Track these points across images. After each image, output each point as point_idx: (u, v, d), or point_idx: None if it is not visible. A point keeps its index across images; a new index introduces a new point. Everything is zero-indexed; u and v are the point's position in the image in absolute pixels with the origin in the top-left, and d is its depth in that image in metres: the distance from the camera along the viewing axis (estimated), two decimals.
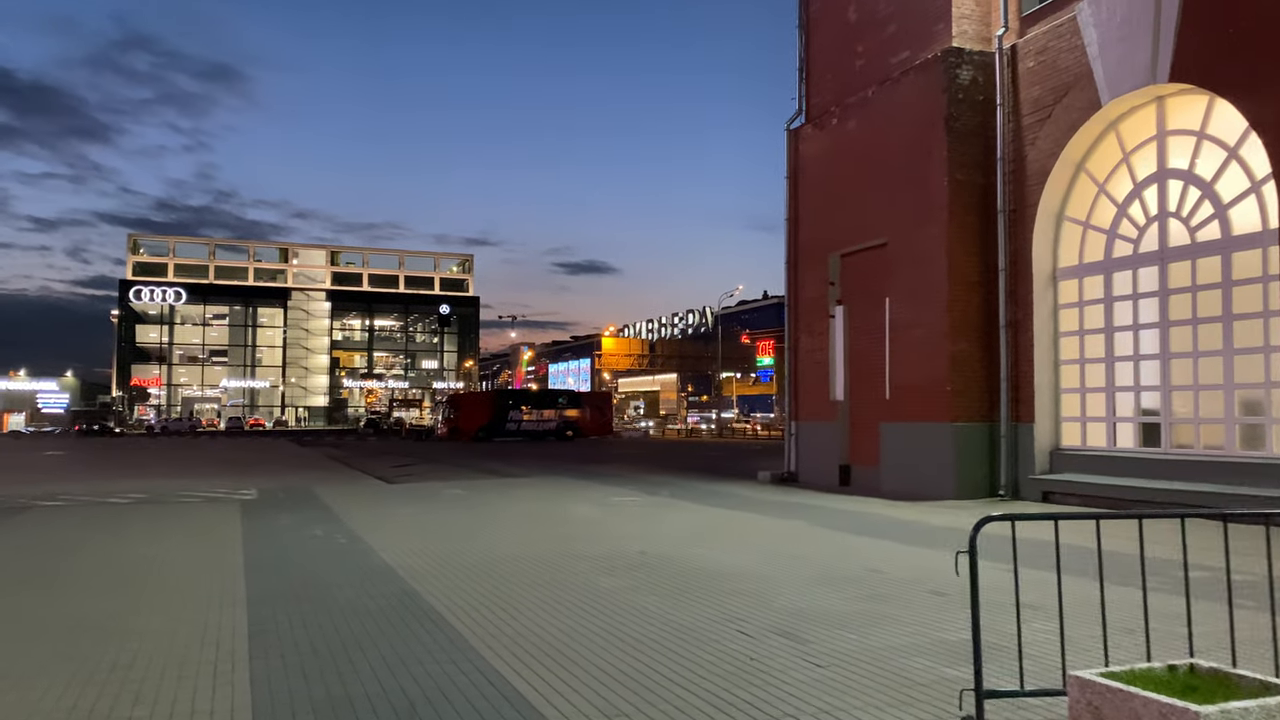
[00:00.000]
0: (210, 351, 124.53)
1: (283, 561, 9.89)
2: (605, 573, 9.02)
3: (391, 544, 11.10)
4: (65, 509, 15.33)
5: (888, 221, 17.50)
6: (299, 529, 12.59)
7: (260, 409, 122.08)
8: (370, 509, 15.33)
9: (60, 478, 23.57)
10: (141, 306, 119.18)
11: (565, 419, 62.39)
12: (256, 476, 23.42)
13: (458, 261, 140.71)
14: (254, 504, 16.10)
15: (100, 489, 19.16)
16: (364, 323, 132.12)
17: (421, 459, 32.96)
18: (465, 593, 8.10)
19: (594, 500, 16.64)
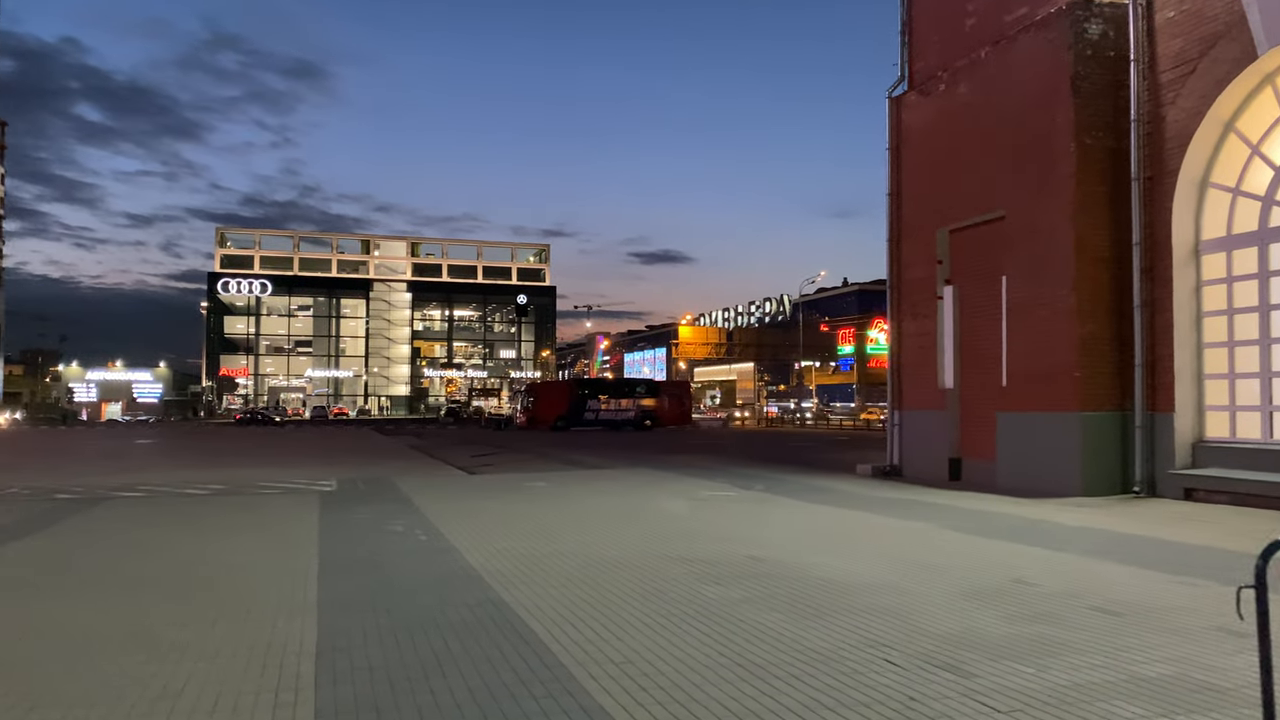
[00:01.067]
0: (295, 342, 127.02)
1: (359, 561, 9.11)
2: (712, 581, 8.01)
3: (474, 542, 10.27)
4: (143, 500, 14.93)
5: (1005, 193, 16.07)
6: (377, 524, 11.86)
7: (344, 398, 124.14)
8: (451, 502, 14.59)
9: (146, 467, 23.49)
10: (229, 298, 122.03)
11: (643, 408, 61.54)
12: (337, 466, 23.01)
13: (534, 252, 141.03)
14: (333, 496, 15.50)
15: (181, 479, 18.86)
16: (444, 313, 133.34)
17: (501, 449, 32.39)
18: (558, 603, 7.17)
19: (684, 494, 15.64)
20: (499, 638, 6.10)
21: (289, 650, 5.80)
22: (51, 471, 21.81)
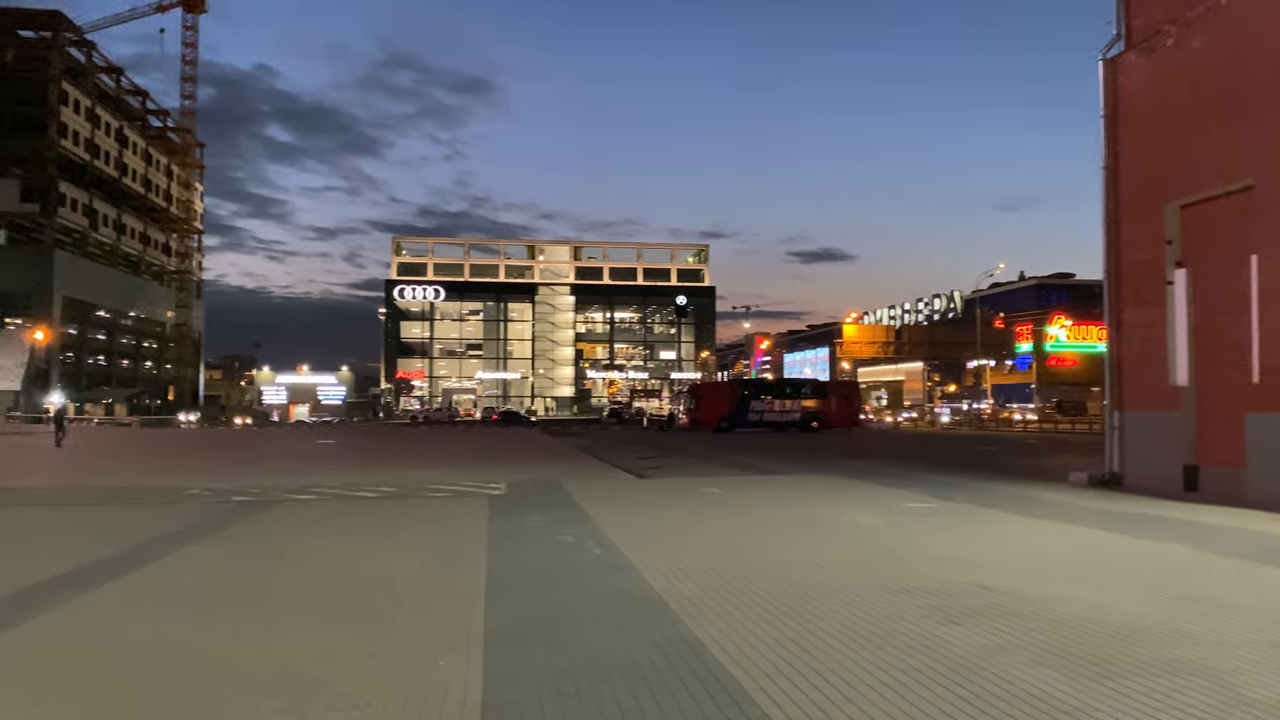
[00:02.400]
0: (466, 345, 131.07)
1: (530, 580, 8.19)
2: (945, 620, 6.62)
3: (653, 558, 9.20)
4: (314, 504, 14.67)
5: (1253, 158, 13.79)
6: (548, 533, 11.00)
7: (512, 399, 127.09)
8: (623, 509, 13.63)
9: (323, 468, 23.78)
10: (405, 304, 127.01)
11: (809, 409, 59.49)
12: (506, 468, 22.60)
13: (693, 252, 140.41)
14: (502, 501, 14.85)
15: (354, 481, 18.74)
16: (605, 315, 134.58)
17: (667, 450, 31.48)
18: (762, 645, 5.98)
19: (876, 505, 14.14)
20: (699, 693, 4.96)
21: (450, 699, 4.85)
22: (237, 472, 22.30)
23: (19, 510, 13.83)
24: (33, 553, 9.71)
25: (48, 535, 11.31)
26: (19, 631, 6.14)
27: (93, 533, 11.33)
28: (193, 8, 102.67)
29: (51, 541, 10.72)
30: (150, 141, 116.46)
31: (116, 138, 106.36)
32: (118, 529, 11.55)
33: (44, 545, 10.38)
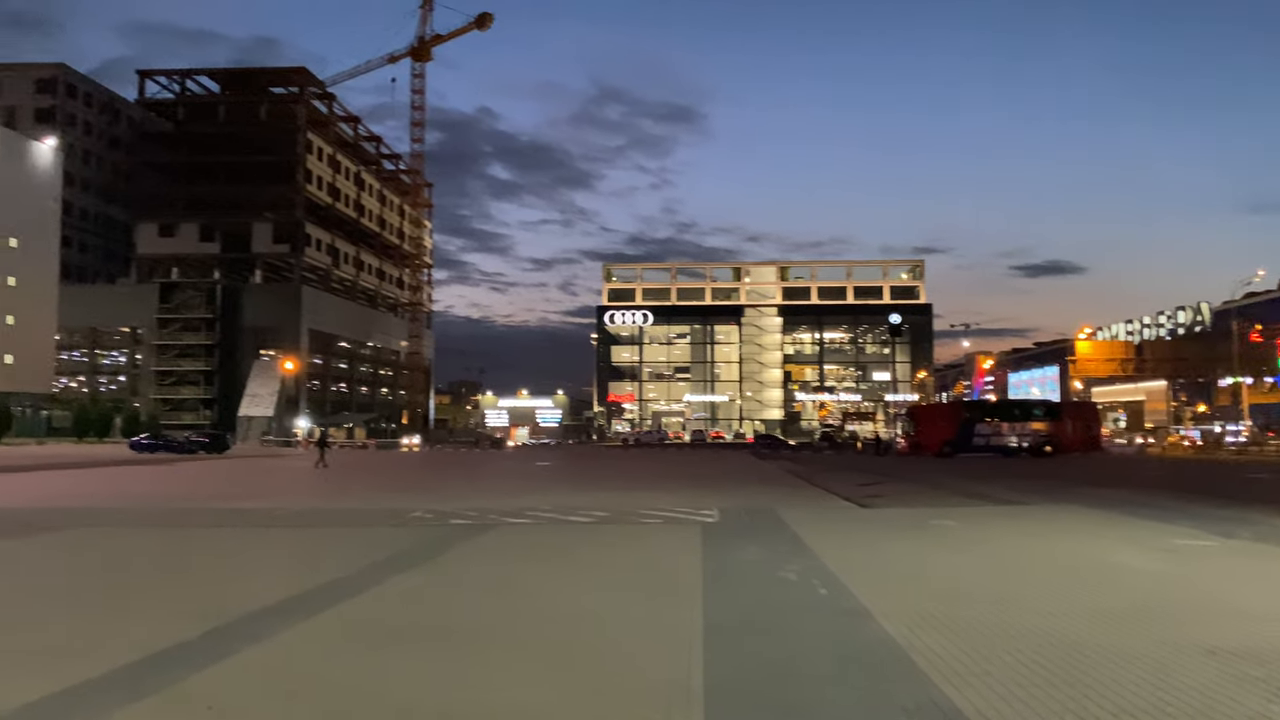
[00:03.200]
0: (674, 368, 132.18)
1: (751, 623, 7.39)
2: (1276, 695, 5.28)
3: (888, 602, 8.18)
4: (528, 529, 14.50)
5: None
6: (767, 568, 10.17)
7: (720, 422, 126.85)
8: (847, 542, 12.59)
9: (539, 489, 23.98)
10: (615, 329, 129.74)
11: (1042, 433, 55.33)
12: (717, 493, 21.93)
13: (907, 268, 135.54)
14: (715, 529, 14.14)
15: (568, 504, 18.61)
16: (814, 336, 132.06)
17: (887, 476, 29.81)
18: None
19: (1142, 543, 12.37)
20: None
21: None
22: (456, 493, 22.81)
23: (257, 531, 14.43)
24: (252, 577, 9.87)
25: (273, 558, 11.60)
26: (216, 670, 5.95)
27: (316, 556, 11.53)
28: (420, 57, 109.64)
29: (275, 565, 10.95)
30: (384, 183, 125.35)
31: (355, 181, 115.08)
32: (341, 553, 11.70)
33: (267, 569, 10.58)
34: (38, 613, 7.94)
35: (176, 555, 11.75)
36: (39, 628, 7.27)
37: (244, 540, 13.35)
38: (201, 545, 12.71)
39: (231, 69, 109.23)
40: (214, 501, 20.14)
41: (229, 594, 8.67)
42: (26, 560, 11.35)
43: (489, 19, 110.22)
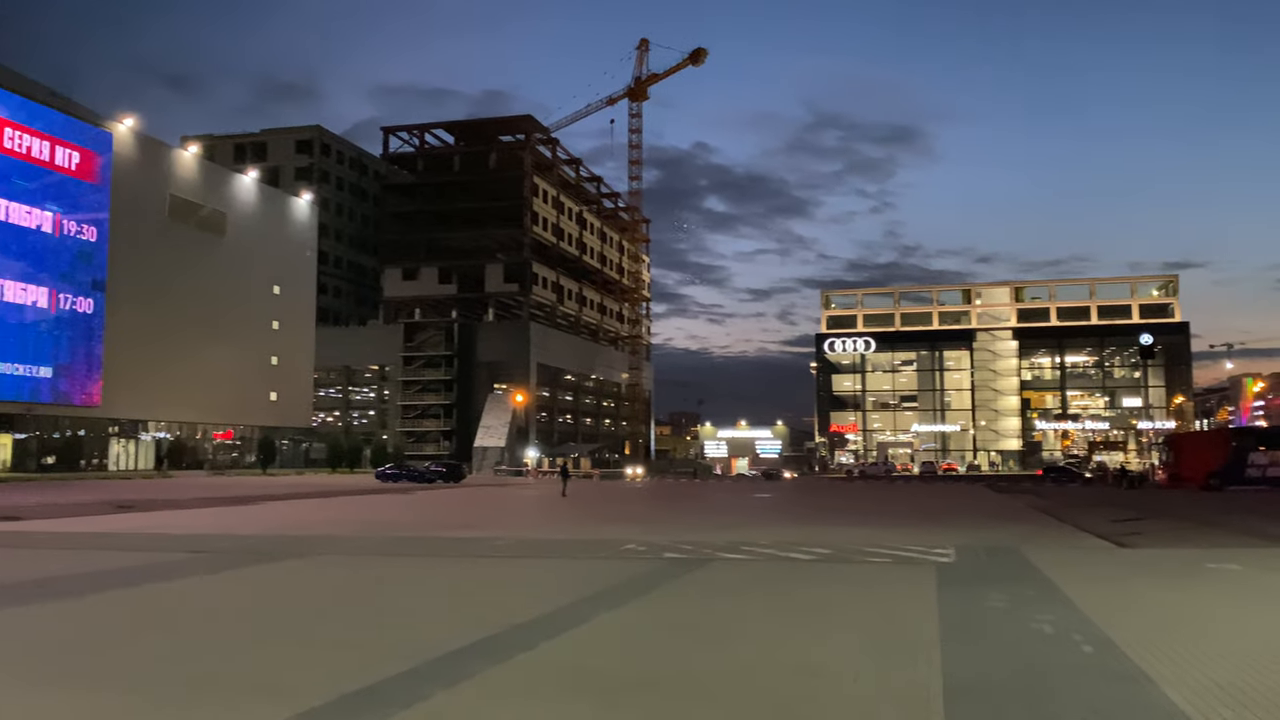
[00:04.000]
0: (900, 397, 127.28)
1: (1003, 689, 6.28)
2: None
3: (1170, 664, 6.79)
4: (743, 565, 13.71)
5: None
6: (1016, 618, 8.88)
7: (951, 453, 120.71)
8: (1108, 588, 10.97)
9: (758, 523, 23.14)
10: (835, 357, 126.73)
11: None
12: (952, 529, 20.25)
13: (1158, 284, 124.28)
14: (951, 570, 12.81)
15: (787, 539, 17.66)
16: (1054, 360, 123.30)
17: (1145, 512, 26.73)
18: None
19: None
20: None
21: None
22: (673, 524, 22.36)
23: (471, 562, 14.45)
24: (458, 612, 9.64)
25: (483, 591, 11.42)
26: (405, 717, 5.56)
27: (525, 590, 11.26)
28: (637, 97, 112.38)
29: (484, 599, 10.72)
30: (604, 221, 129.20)
31: (577, 220, 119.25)
32: (550, 587, 11.39)
33: (474, 603, 10.36)
34: (234, 644, 7.98)
35: (386, 587, 11.82)
36: (230, 658, 7.24)
37: (457, 571, 13.35)
38: (414, 576, 12.80)
39: (464, 121, 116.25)
40: (439, 530, 20.65)
41: (431, 630, 8.45)
42: (242, 590, 11.76)
43: (703, 54, 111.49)
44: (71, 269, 61.16)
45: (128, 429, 68.84)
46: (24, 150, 57.72)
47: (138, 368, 65.28)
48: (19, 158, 57.37)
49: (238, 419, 78.11)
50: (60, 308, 60.43)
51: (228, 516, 25.82)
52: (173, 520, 23.72)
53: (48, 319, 59.53)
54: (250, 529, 20.83)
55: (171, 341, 68.06)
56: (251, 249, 78.17)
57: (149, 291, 66.68)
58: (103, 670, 6.89)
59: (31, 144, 58.21)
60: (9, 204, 56.65)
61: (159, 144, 71.73)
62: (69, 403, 61.53)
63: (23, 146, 57.64)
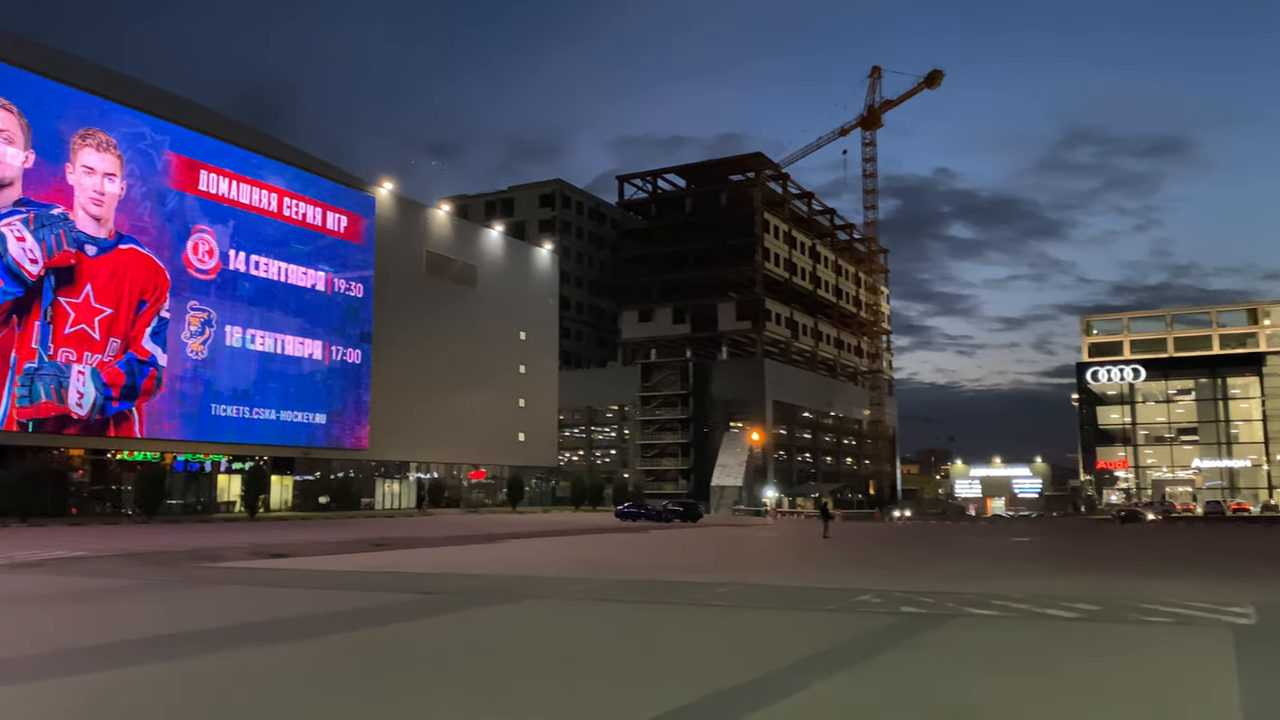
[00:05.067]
0: (1177, 430, 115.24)
1: None
2: None
3: None
4: (991, 623, 12.09)
5: None
6: None
7: (1242, 491, 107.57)
8: None
9: (1013, 572, 20.94)
10: (1099, 387, 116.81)
11: None
12: (1250, 580, 17.33)
13: None
14: (1256, 637, 10.65)
15: (1046, 591, 15.65)
16: None
17: None
18: None
19: None
20: None
21: None
22: (914, 571, 20.62)
23: (686, 611, 13.66)
24: (657, 674, 8.84)
25: (690, 649, 10.53)
26: None
27: (736, 648, 10.31)
28: (870, 125, 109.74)
29: (687, 658, 9.84)
30: (839, 254, 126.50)
31: (810, 254, 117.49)
32: (764, 644, 10.40)
33: (677, 663, 9.52)
34: (399, 701, 7.57)
35: (583, 640, 11.23)
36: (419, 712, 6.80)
37: (670, 621, 12.60)
38: (622, 626, 12.17)
39: (694, 164, 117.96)
40: (664, 573, 20.07)
41: (620, 695, 7.70)
42: (445, 636, 11.53)
43: (939, 76, 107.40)
44: (341, 323, 66.81)
45: (392, 470, 73.96)
46: (300, 217, 63.93)
47: (400, 412, 70.11)
48: (296, 224, 63.57)
49: (489, 459, 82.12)
50: (332, 359, 66.06)
51: (468, 555, 26.56)
52: (417, 558, 24.63)
53: (321, 369, 65.20)
54: (484, 568, 21.18)
55: (430, 387, 72.69)
56: (499, 298, 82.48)
57: (409, 341, 71.69)
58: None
59: (306, 211, 64.41)
60: (288, 266, 62.82)
61: (416, 205, 77.37)
62: (340, 446, 66.92)
63: (299, 214, 63.87)
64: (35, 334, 47.68)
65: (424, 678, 8.49)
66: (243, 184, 59.92)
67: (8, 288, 46.57)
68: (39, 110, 48.56)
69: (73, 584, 17.02)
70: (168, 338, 54.49)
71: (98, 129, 51.35)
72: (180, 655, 9.46)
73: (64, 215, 49.26)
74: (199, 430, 56.54)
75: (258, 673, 8.77)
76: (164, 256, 54.44)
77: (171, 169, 55.35)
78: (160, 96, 56.28)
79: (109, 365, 51.08)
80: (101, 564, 21.88)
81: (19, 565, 21.42)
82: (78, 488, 52.38)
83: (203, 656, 9.43)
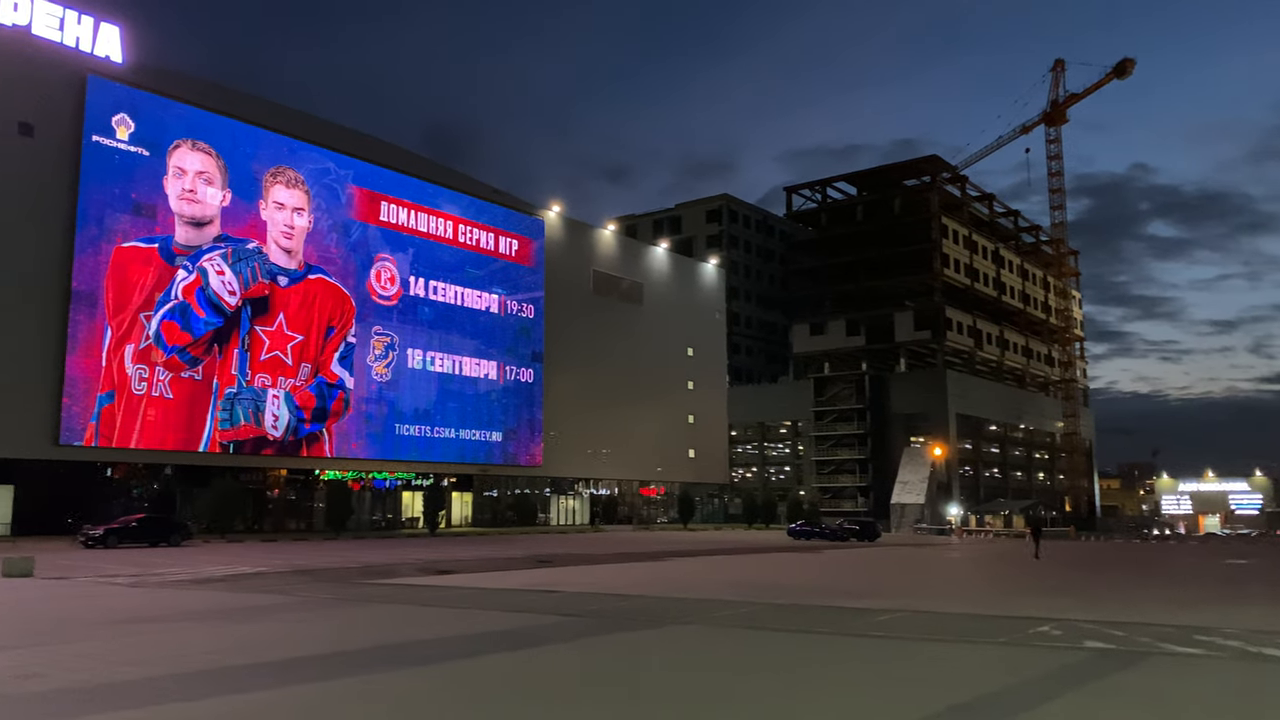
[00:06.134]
0: None
1: None
2: None
3: None
4: (1192, 665, 10.44)
5: None
6: None
7: None
8: None
9: (1226, 599, 18.56)
10: None
11: None
12: None
13: None
14: None
15: (1265, 625, 13.59)
16: None
17: None
18: None
19: None
20: None
21: None
22: (1107, 597, 18.56)
23: (836, 644, 12.57)
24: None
25: (830, 689, 9.52)
26: None
27: (881, 689, 9.22)
28: (1054, 121, 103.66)
29: (824, 702, 8.85)
30: (1024, 258, 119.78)
31: (992, 259, 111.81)
32: (915, 686, 9.25)
33: (810, 709, 8.54)
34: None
35: (707, 672, 10.38)
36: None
37: (809, 655, 11.57)
38: (755, 657, 11.24)
39: (865, 171, 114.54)
40: (827, 597, 18.91)
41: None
42: (568, 665, 10.94)
43: (1130, 65, 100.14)
44: (514, 344, 68.55)
45: (565, 487, 75.13)
46: (474, 242, 66.13)
47: (571, 430, 71.19)
48: (470, 249, 65.79)
49: (660, 476, 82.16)
50: (506, 378, 67.83)
51: (628, 573, 26.15)
52: (575, 577, 24.40)
53: (496, 389, 67.04)
54: (639, 588, 20.64)
55: (599, 405, 73.49)
56: (666, 315, 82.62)
57: (578, 360, 72.77)
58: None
59: (479, 236, 66.58)
60: (464, 290, 65.03)
61: (583, 225, 78.66)
62: (516, 463, 68.50)
63: (473, 239, 66.08)
64: (234, 361, 51.13)
65: (513, 711, 7.93)
66: (420, 213, 62.58)
67: (209, 318, 50.20)
68: (234, 151, 52.28)
69: (238, 601, 17.62)
70: (354, 362, 57.35)
71: (287, 166, 54.81)
72: (293, 681, 9.30)
73: (258, 249, 52.75)
74: (384, 449, 59.14)
75: (349, 702, 8.45)
76: (349, 285, 57.42)
77: (355, 202, 58.41)
78: (342, 133, 59.55)
79: (301, 389, 54.18)
80: (276, 580, 22.75)
81: (203, 580, 22.56)
82: (274, 505, 55.73)
83: (310, 684, 9.23)
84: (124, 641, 11.89)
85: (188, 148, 50.30)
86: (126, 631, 12.76)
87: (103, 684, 8.95)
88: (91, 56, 46.60)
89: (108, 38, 47.24)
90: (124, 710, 7.87)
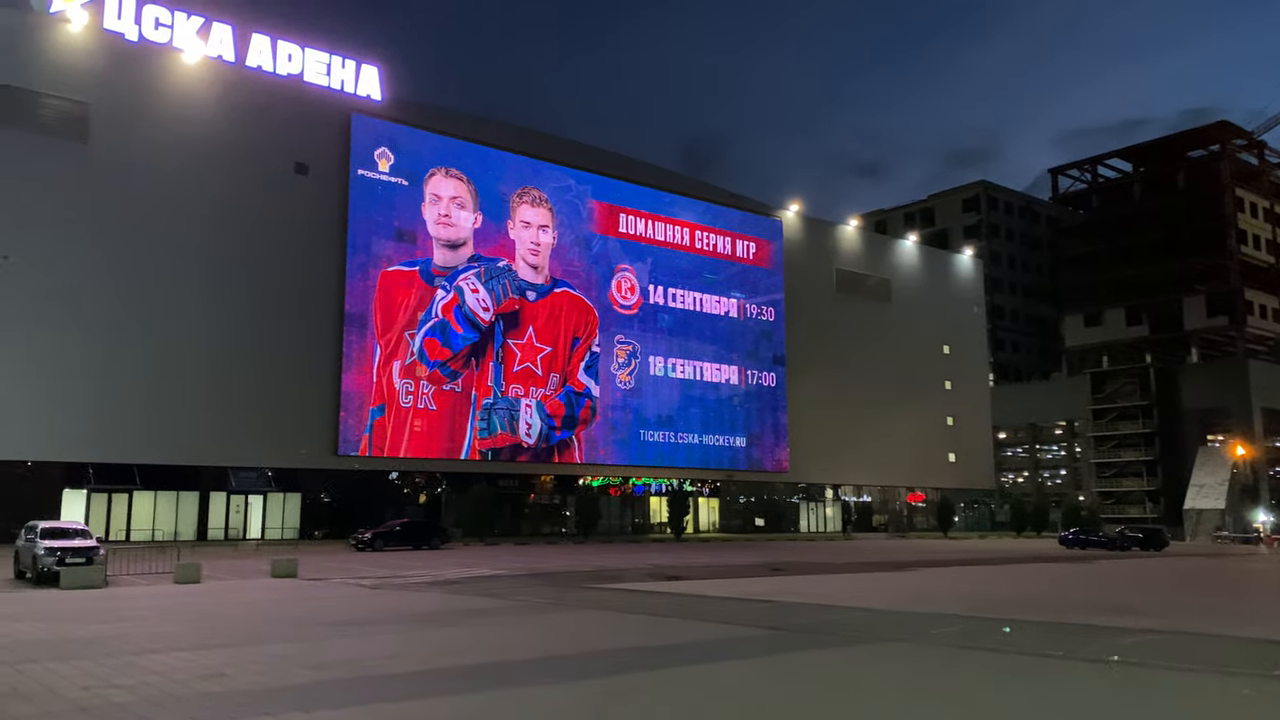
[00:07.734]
0: None
1: None
2: None
3: None
4: None
5: None
6: None
7: None
8: None
9: None
10: None
11: None
12: None
13: None
14: None
15: None
16: None
17: None
18: None
19: None
20: None
21: None
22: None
23: (1054, 668, 10.89)
24: None
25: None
26: None
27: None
28: None
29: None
30: None
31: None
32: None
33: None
34: None
35: (858, 706, 9.14)
36: None
37: (1016, 687, 10.02)
38: (940, 686, 9.85)
39: (1140, 145, 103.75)
40: (1078, 613, 16.77)
41: None
42: (743, 687, 10.05)
43: None
44: (755, 347, 67.86)
45: (813, 492, 73.34)
46: (710, 248, 66.18)
47: (818, 434, 69.41)
48: (707, 255, 65.90)
49: (917, 481, 78.37)
50: (748, 383, 67.25)
51: (862, 584, 24.81)
52: (803, 586, 23.40)
53: (739, 394, 66.62)
54: (865, 600, 19.38)
55: (847, 408, 71.18)
56: (918, 311, 78.82)
57: (823, 362, 70.88)
58: None
59: (716, 241, 66.54)
60: (702, 296, 65.21)
61: (824, 224, 76.65)
62: (761, 468, 67.69)
63: (709, 245, 66.15)
64: (490, 373, 54.00)
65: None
66: (657, 222, 63.48)
67: (467, 334, 53.32)
68: (483, 175, 55.34)
69: (456, 604, 18.13)
70: (599, 370, 58.97)
71: (532, 186, 57.33)
72: (429, 694, 9.12)
73: (507, 266, 55.48)
74: (630, 455, 60.36)
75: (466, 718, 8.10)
76: (592, 296, 59.17)
77: (595, 215, 60.17)
78: (581, 150, 61.55)
79: (550, 398, 56.38)
80: (506, 583, 23.40)
81: (440, 583, 23.59)
82: (529, 510, 58.29)
83: (440, 698, 9.01)
84: (321, 645, 12.36)
85: (441, 175, 53.81)
86: (331, 634, 13.31)
87: (276, 688, 9.20)
88: (354, 97, 50.95)
89: (368, 78, 51.47)
90: (264, 718, 7.97)
